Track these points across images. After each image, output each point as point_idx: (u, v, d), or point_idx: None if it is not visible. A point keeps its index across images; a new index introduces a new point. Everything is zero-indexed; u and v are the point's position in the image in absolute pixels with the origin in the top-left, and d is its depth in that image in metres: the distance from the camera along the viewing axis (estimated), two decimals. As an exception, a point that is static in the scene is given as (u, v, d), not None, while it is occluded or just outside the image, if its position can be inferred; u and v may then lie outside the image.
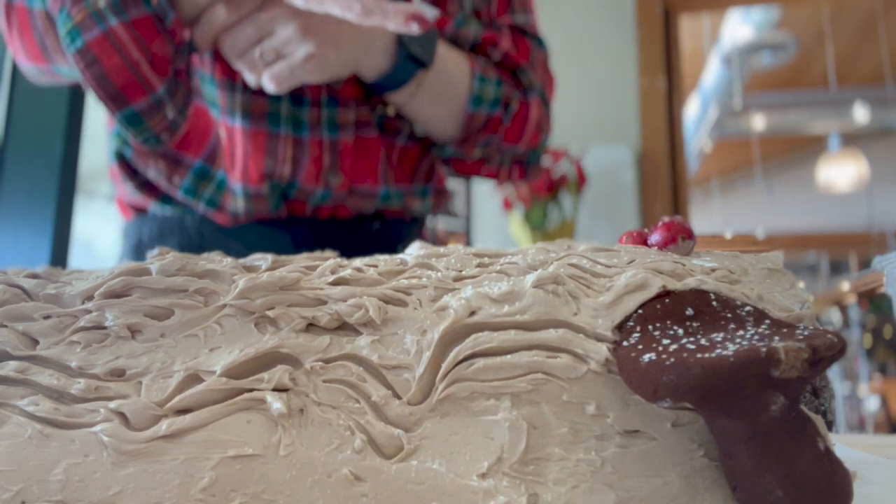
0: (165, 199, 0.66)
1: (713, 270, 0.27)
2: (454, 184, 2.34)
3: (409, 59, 0.59)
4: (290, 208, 0.64)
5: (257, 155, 0.62)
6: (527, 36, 0.71)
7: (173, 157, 0.65)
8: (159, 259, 0.29)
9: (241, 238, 0.64)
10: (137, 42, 0.52)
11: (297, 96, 0.62)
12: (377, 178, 0.66)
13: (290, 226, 0.65)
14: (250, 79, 0.56)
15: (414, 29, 0.48)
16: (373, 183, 0.66)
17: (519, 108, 0.68)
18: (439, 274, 0.28)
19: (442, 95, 0.64)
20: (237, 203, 0.63)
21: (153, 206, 0.67)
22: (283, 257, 0.32)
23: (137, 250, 0.68)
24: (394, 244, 0.69)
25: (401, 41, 0.58)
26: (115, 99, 0.53)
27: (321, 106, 0.63)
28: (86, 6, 0.51)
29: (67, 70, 0.58)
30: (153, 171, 0.66)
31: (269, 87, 0.55)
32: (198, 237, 0.65)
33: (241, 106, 0.62)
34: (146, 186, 0.67)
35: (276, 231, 0.65)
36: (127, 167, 0.67)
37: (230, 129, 0.63)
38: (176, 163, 0.65)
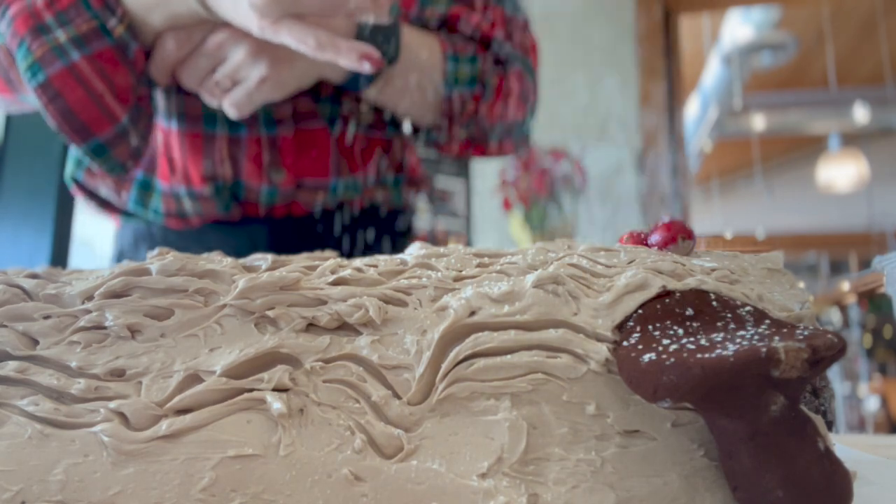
0: (125, 213, 0.66)
1: (713, 270, 0.27)
2: (453, 184, 2.34)
3: None
4: (244, 209, 0.64)
5: (195, 157, 0.61)
6: (502, 3, 0.69)
7: None
8: (159, 259, 0.29)
9: (201, 241, 0.64)
10: (101, 75, 0.51)
11: None
12: (327, 171, 0.64)
13: (248, 227, 0.64)
14: (214, 105, 0.56)
15: (366, 68, 0.48)
16: (321, 176, 0.64)
17: (498, 83, 0.66)
18: (439, 274, 0.28)
19: (414, 84, 0.61)
20: (184, 206, 0.63)
21: (123, 218, 0.68)
22: (283, 257, 0.32)
23: (119, 258, 0.68)
24: (364, 239, 0.67)
25: (360, 40, 0.56)
26: (79, 132, 0.52)
27: None
28: (46, 41, 0.51)
29: (35, 100, 0.58)
30: (104, 190, 0.65)
31: (232, 113, 0.54)
32: (164, 243, 0.65)
33: (177, 108, 0.61)
34: (104, 205, 0.67)
35: (235, 232, 0.64)
36: (82, 189, 0.67)
37: (167, 133, 0.62)
38: (121, 178, 0.64)
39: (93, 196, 0.67)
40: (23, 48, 0.51)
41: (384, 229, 0.70)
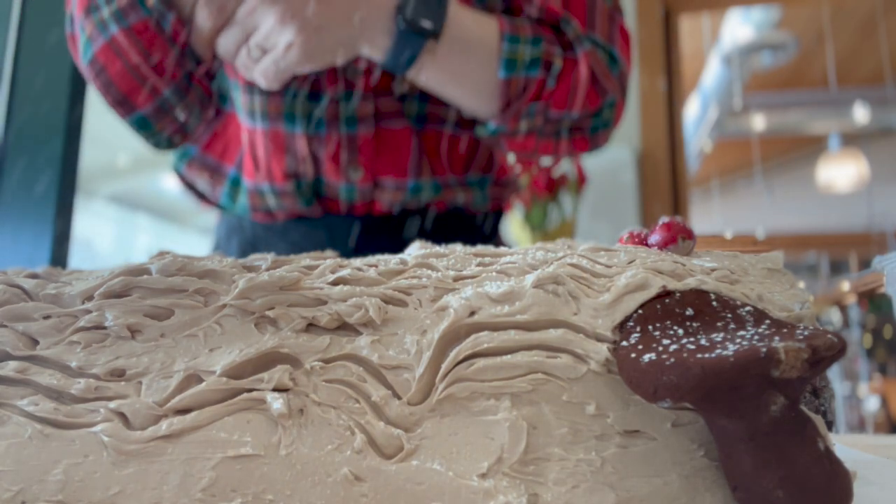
0: (219, 207, 0.68)
1: (713, 270, 0.27)
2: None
3: (412, 30, 0.54)
4: (325, 206, 0.64)
5: (278, 155, 0.62)
6: None
7: (215, 168, 0.66)
8: (159, 259, 0.29)
9: (286, 236, 0.64)
10: (136, 46, 0.53)
11: (315, 92, 0.60)
12: (405, 171, 0.62)
13: (331, 223, 0.64)
14: (249, 78, 0.55)
15: None
16: (399, 175, 0.62)
17: (564, 67, 0.59)
18: (439, 274, 0.28)
19: (465, 64, 0.57)
20: (267, 202, 0.63)
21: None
22: (284, 257, 0.32)
23: (215, 249, 0.70)
24: (446, 241, 0.64)
25: (401, 13, 0.53)
26: (121, 104, 0.54)
27: (338, 101, 0.61)
28: (94, 19, 0.53)
29: (88, 78, 0.60)
30: (201, 183, 0.67)
31: (262, 83, 0.53)
32: (252, 237, 0.66)
33: (260, 107, 0.61)
34: (202, 198, 0.69)
35: (318, 229, 0.64)
36: (183, 181, 0.69)
37: (251, 132, 0.63)
38: (217, 173, 0.66)
39: (192, 188, 0.69)
40: (80, 30, 0.54)
41: (467, 232, 0.68)
